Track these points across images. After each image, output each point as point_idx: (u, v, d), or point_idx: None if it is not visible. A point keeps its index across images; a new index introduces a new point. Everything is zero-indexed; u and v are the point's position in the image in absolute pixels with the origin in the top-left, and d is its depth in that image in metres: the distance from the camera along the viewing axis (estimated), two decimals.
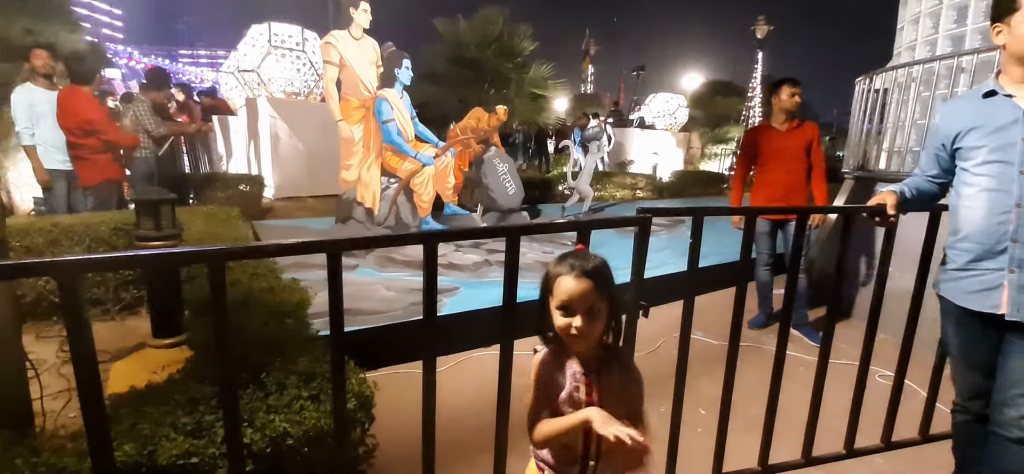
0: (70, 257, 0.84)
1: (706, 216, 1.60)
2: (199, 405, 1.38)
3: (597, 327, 1.07)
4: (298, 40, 9.12)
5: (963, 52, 3.70)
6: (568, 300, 1.04)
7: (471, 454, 2.10)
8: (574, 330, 1.04)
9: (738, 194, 3.77)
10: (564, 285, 1.05)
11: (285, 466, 1.33)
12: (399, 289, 3.68)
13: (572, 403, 1.08)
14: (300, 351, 1.72)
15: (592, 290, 1.04)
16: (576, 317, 1.04)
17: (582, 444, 1.08)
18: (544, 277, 1.11)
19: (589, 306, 1.04)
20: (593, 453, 1.09)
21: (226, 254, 1.06)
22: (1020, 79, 1.56)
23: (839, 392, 2.15)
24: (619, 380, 1.11)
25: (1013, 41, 1.53)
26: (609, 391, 1.08)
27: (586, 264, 1.06)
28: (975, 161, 1.60)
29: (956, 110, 1.72)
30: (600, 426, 0.99)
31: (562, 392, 1.09)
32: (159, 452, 1.20)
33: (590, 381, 1.08)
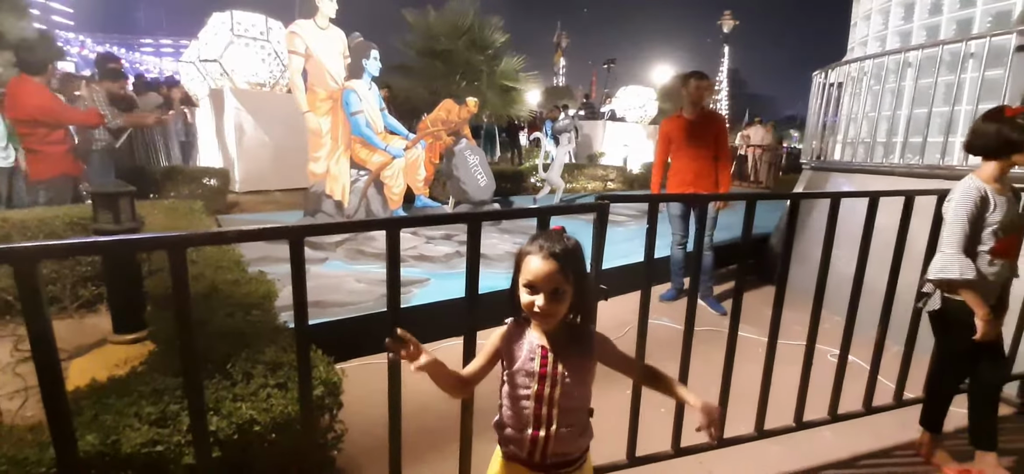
0: (27, 244, 0.84)
1: (660, 203, 1.68)
2: (164, 395, 1.39)
3: (561, 308, 1.11)
4: (262, 29, 8.88)
5: (910, 47, 3.90)
6: (533, 279, 1.08)
7: (440, 442, 2.14)
8: (537, 308, 1.09)
9: (657, 180, 4.03)
10: (531, 264, 1.09)
11: (254, 453, 1.35)
12: (369, 281, 3.68)
13: (527, 373, 1.13)
14: (267, 341, 1.73)
15: (557, 271, 1.08)
16: (539, 296, 1.08)
17: (535, 412, 1.14)
18: (517, 254, 1.15)
19: (554, 287, 1.08)
20: (546, 421, 1.14)
21: (186, 240, 1.07)
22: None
23: (794, 371, 2.27)
24: (577, 360, 1.15)
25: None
26: (567, 368, 1.13)
27: (556, 246, 1.10)
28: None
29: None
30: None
31: (518, 362, 1.14)
32: (123, 442, 1.20)
33: (546, 354, 1.13)
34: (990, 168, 1.96)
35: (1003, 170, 1.94)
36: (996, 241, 1.93)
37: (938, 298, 2.05)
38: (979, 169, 2.00)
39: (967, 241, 1.92)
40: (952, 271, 1.90)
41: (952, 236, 1.92)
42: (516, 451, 1.19)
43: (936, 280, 1.98)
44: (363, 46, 5.30)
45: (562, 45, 26.51)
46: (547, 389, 1.12)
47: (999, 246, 1.94)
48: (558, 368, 1.13)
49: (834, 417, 2.24)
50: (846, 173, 4.34)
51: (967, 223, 1.90)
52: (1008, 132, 1.87)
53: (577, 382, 1.14)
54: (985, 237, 1.94)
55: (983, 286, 1.94)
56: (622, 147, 13.57)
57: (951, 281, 1.92)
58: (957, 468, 2.14)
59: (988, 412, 2.09)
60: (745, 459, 2.16)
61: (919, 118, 3.78)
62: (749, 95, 55.10)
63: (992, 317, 1.92)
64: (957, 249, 1.91)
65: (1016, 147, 1.87)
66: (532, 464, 1.17)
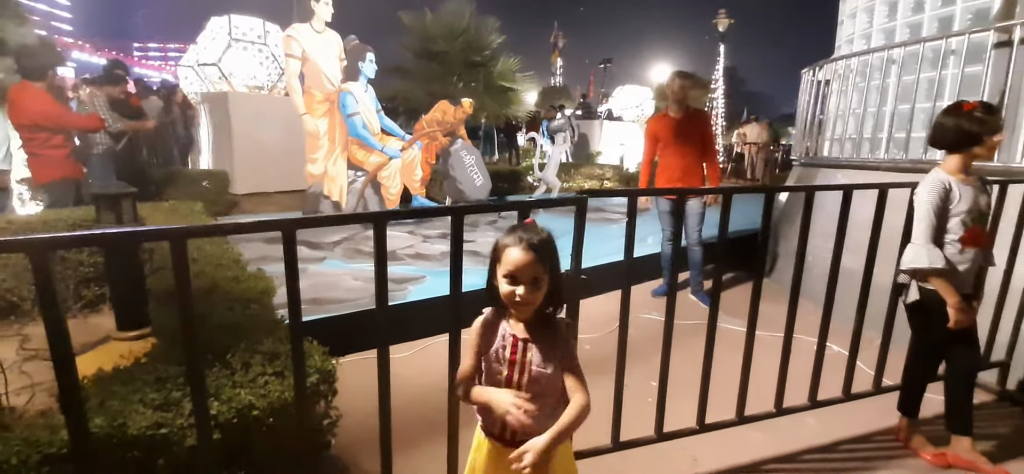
0: (41, 236, 0.92)
1: (639, 196, 1.76)
2: (166, 383, 1.47)
3: (539, 295, 1.19)
4: (260, 33, 8.96)
5: (894, 45, 3.99)
6: (514, 270, 1.16)
7: (433, 430, 2.21)
8: (518, 297, 1.17)
9: (646, 177, 4.13)
10: (511, 255, 1.17)
11: (253, 436, 1.42)
12: (366, 279, 3.76)
13: (498, 359, 1.21)
14: (264, 334, 1.81)
15: (535, 261, 1.16)
16: (520, 286, 1.16)
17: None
18: (494, 247, 1.23)
19: (533, 276, 1.16)
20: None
21: (187, 232, 1.15)
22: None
23: (776, 360, 2.34)
24: (547, 348, 1.22)
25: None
26: (536, 356, 1.21)
27: (532, 237, 1.18)
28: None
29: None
30: (512, 419, 1.15)
31: (491, 348, 1.22)
32: (129, 424, 1.28)
33: (516, 342, 1.21)
34: (954, 161, 2.05)
35: (966, 162, 2.03)
36: (964, 230, 2.01)
37: (915, 289, 2.12)
38: (944, 162, 2.09)
39: (935, 232, 2.00)
40: (921, 260, 1.98)
41: (920, 227, 2.01)
42: (490, 428, 1.28)
43: (908, 270, 2.07)
44: (359, 49, 5.38)
45: (559, 45, 26.59)
46: (516, 375, 1.21)
47: (967, 235, 2.02)
48: (527, 356, 1.21)
49: (814, 403, 2.32)
50: (834, 169, 4.42)
51: (933, 214, 1.98)
52: (967, 125, 1.96)
53: (545, 366, 1.22)
54: (953, 227, 2.02)
55: (954, 275, 2.01)
56: (618, 146, 13.64)
57: (921, 270, 2.01)
58: (933, 452, 2.21)
59: (964, 398, 2.17)
60: (728, 444, 2.24)
61: (903, 114, 3.86)
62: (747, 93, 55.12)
63: (963, 305, 1.99)
64: (926, 240, 1.99)
65: (975, 139, 1.96)
66: (504, 440, 1.25)
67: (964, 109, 1.98)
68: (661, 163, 3.97)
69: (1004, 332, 2.67)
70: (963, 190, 2.01)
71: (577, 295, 1.75)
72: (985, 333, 2.65)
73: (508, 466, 1.25)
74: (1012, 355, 2.71)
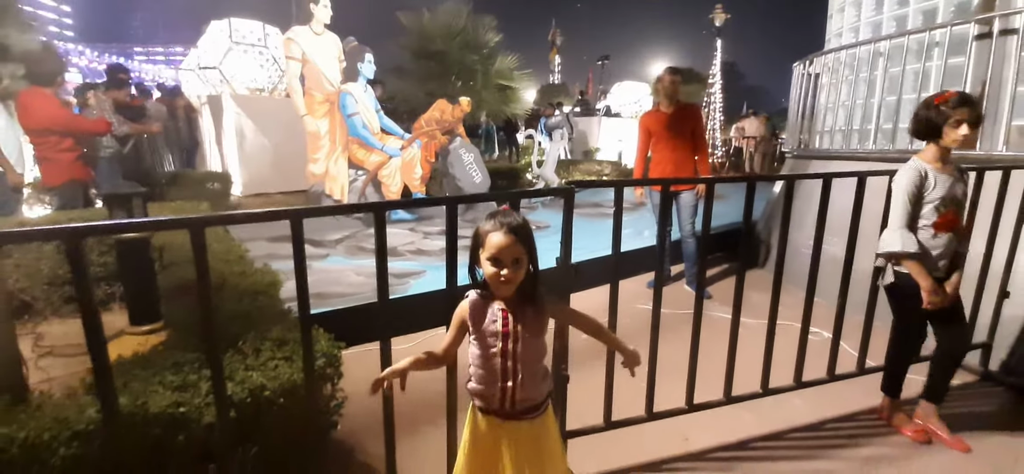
0: (75, 224, 1.02)
1: (625, 187, 1.85)
2: (183, 367, 1.57)
3: (520, 274, 1.29)
4: (259, 36, 9.08)
5: (880, 38, 4.07)
6: (497, 253, 1.26)
7: (432, 414, 2.31)
8: (502, 277, 1.27)
9: (639, 171, 4.28)
10: (493, 240, 1.27)
11: (265, 415, 1.53)
12: (368, 274, 3.86)
13: (492, 334, 1.32)
14: (273, 323, 1.91)
15: (516, 243, 1.26)
16: (504, 267, 1.27)
17: (502, 366, 1.32)
18: (474, 234, 1.33)
19: (514, 257, 1.27)
20: (512, 373, 1.32)
21: (205, 221, 1.25)
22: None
23: (766, 344, 2.44)
24: (532, 319, 1.34)
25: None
26: (524, 324, 1.32)
27: (511, 222, 1.28)
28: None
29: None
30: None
31: (483, 326, 1.33)
32: (150, 403, 1.38)
33: (507, 315, 1.32)
34: (930, 150, 2.14)
35: (941, 150, 2.11)
36: (938, 216, 2.10)
37: (890, 272, 2.22)
38: (922, 151, 2.17)
39: (909, 217, 2.09)
40: (895, 245, 2.08)
41: (895, 213, 2.11)
42: (488, 404, 1.37)
43: (883, 254, 2.16)
44: (357, 50, 5.48)
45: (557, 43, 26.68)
46: (510, 345, 1.31)
47: (941, 220, 2.10)
48: (518, 327, 1.31)
49: (799, 383, 2.42)
50: (825, 160, 4.50)
51: (908, 200, 2.08)
52: (936, 117, 2.05)
53: (533, 336, 1.33)
54: (927, 213, 2.11)
55: (927, 259, 2.10)
56: (617, 142, 13.73)
57: (895, 254, 2.10)
58: (915, 428, 2.31)
59: (945, 376, 2.28)
60: (718, 424, 2.34)
61: (890, 105, 3.95)
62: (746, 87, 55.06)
63: (936, 287, 2.08)
64: (900, 224, 2.09)
65: (939, 130, 2.05)
66: (503, 413, 1.35)
67: (936, 102, 2.07)
68: (654, 157, 4.06)
69: (985, 315, 2.76)
70: (939, 177, 2.09)
71: (568, 285, 1.85)
72: (967, 315, 2.74)
73: (505, 437, 1.37)
74: (994, 337, 2.80)
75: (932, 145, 2.12)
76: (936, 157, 2.13)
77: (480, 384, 1.36)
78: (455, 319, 1.40)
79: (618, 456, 2.14)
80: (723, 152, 17.76)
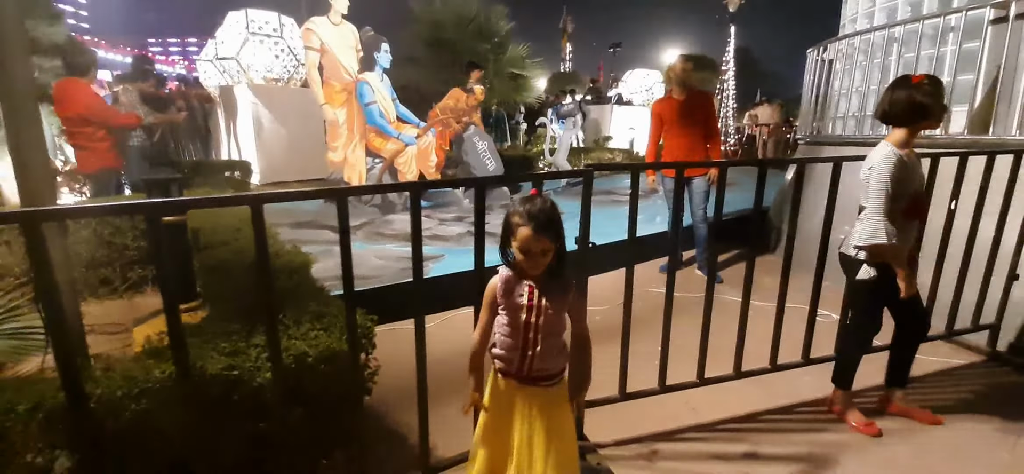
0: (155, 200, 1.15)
1: (640, 171, 1.95)
2: (232, 335, 1.70)
3: (547, 259, 1.41)
4: (276, 26, 9.21)
5: (895, 23, 4.09)
6: (526, 246, 1.37)
7: (461, 387, 2.43)
8: (530, 263, 1.39)
9: (652, 158, 4.38)
10: (522, 234, 1.37)
11: (307, 378, 1.66)
12: (388, 258, 4.00)
13: (518, 306, 1.43)
14: (309, 299, 2.04)
15: (544, 236, 1.37)
16: (532, 255, 1.38)
17: (524, 337, 1.44)
18: (505, 219, 1.43)
19: (542, 248, 1.38)
20: (532, 343, 1.44)
21: (264, 198, 1.37)
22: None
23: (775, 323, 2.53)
24: (556, 296, 1.45)
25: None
26: (550, 301, 1.43)
27: (540, 217, 1.37)
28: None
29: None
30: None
31: (511, 299, 1.45)
32: (208, 366, 1.52)
33: (532, 291, 1.43)
34: (900, 134, 2.04)
35: (913, 135, 2.04)
36: (909, 203, 2.06)
37: (869, 268, 2.11)
38: (890, 136, 2.08)
39: (889, 205, 2.00)
40: (880, 236, 1.99)
41: (877, 201, 2.00)
42: (508, 368, 1.49)
43: (867, 246, 2.05)
44: (374, 39, 5.58)
45: (568, 30, 26.53)
46: (533, 318, 1.43)
47: (908, 208, 2.06)
48: (542, 301, 1.43)
49: (807, 360, 2.51)
50: (839, 146, 4.53)
51: (890, 187, 1.98)
52: (918, 98, 1.96)
53: (556, 312, 1.45)
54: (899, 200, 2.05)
55: (903, 248, 2.07)
56: (628, 130, 13.71)
57: (879, 246, 2.01)
58: (863, 422, 2.29)
59: (908, 359, 2.34)
60: (727, 399, 2.44)
61: None
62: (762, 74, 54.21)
63: (912, 274, 2.07)
64: (882, 214, 1.99)
65: (925, 112, 1.98)
66: (521, 376, 1.48)
67: (913, 82, 1.99)
68: (666, 144, 4.13)
69: (993, 297, 2.82)
70: (909, 163, 2.03)
71: (586, 265, 1.95)
72: (974, 297, 2.81)
73: (522, 398, 1.49)
74: (1002, 318, 2.86)
75: (904, 130, 2.04)
76: (905, 142, 2.04)
77: (503, 350, 1.49)
78: (486, 298, 1.51)
79: (632, 426, 2.25)
80: (736, 140, 17.64)
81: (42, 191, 1.65)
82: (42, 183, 1.65)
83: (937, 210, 2.51)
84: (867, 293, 2.20)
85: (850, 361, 2.34)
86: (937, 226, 2.57)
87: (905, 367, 2.33)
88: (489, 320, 1.53)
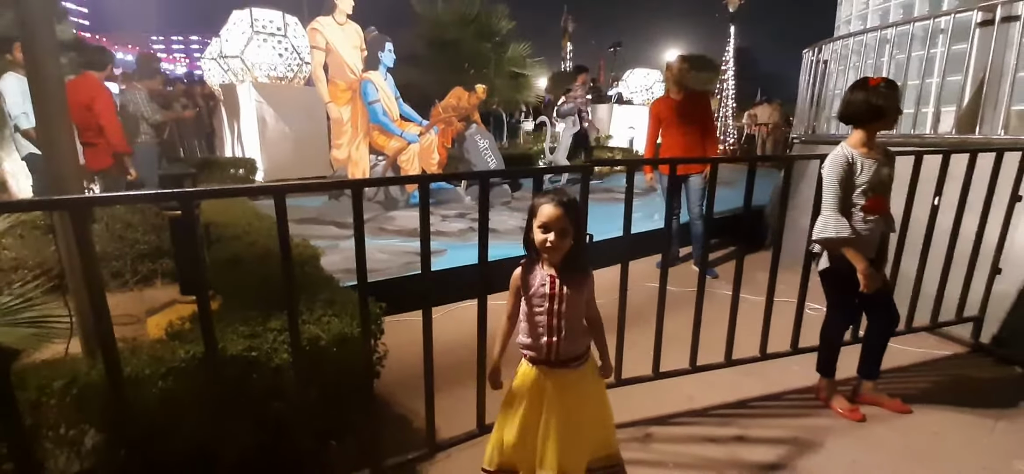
0: (190, 189, 1.25)
1: (636, 168, 2.06)
2: (249, 321, 1.81)
3: (566, 243, 1.51)
4: (280, 25, 9.28)
5: (887, 25, 4.19)
6: (547, 221, 1.48)
7: (460, 375, 2.54)
8: (549, 244, 1.48)
9: (650, 155, 4.42)
10: (544, 210, 1.49)
11: (321, 359, 1.76)
12: (392, 252, 4.11)
13: (540, 296, 1.53)
14: (320, 288, 2.15)
15: (563, 215, 1.48)
16: (551, 233, 1.48)
17: (548, 323, 1.53)
18: (530, 206, 1.55)
19: (561, 227, 1.48)
20: (557, 329, 1.54)
21: (286, 188, 1.48)
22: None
23: (774, 320, 2.63)
24: (577, 282, 1.55)
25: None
26: (569, 288, 1.53)
27: (562, 197, 1.51)
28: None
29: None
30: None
31: (532, 289, 1.55)
32: (228, 347, 1.62)
33: (553, 280, 1.53)
34: (858, 135, 2.16)
35: (870, 135, 2.14)
36: (866, 200, 2.15)
37: (825, 257, 2.25)
38: (849, 137, 2.20)
39: (841, 202, 2.13)
40: (829, 231, 2.11)
41: (828, 198, 2.15)
42: (536, 356, 1.58)
43: (818, 239, 2.19)
44: (378, 39, 5.69)
45: (569, 29, 26.65)
46: (556, 305, 1.52)
47: (868, 204, 2.15)
48: (563, 289, 1.52)
49: (795, 350, 2.62)
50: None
51: (838, 186, 2.11)
52: (874, 100, 2.06)
53: (575, 299, 1.55)
54: (855, 197, 2.16)
55: (860, 242, 2.15)
56: (628, 129, 13.81)
57: (830, 239, 2.13)
58: (847, 408, 2.39)
59: (878, 352, 2.41)
60: (720, 386, 2.55)
61: None
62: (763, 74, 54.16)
63: (871, 269, 2.15)
64: (833, 210, 2.12)
65: (880, 113, 2.07)
66: (549, 362, 1.57)
67: (870, 84, 2.07)
68: (664, 143, 4.23)
69: (977, 290, 2.92)
70: (865, 162, 2.13)
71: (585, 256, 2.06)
72: (958, 290, 2.91)
73: (553, 382, 1.58)
74: (985, 311, 2.97)
75: (860, 131, 2.15)
76: (863, 142, 2.15)
77: (529, 337, 1.58)
78: (512, 285, 1.61)
79: (629, 412, 2.35)
80: (735, 139, 17.73)
81: (70, 181, 1.75)
82: (70, 174, 1.75)
83: (922, 206, 2.62)
84: (827, 284, 2.32)
85: (828, 349, 2.44)
86: (922, 221, 2.68)
87: (875, 359, 2.41)
88: (515, 305, 1.62)
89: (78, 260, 1.30)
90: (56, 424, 1.51)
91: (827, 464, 2.07)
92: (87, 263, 1.24)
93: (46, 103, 1.67)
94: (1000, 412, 2.41)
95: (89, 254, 1.25)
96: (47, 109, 1.66)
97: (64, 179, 1.69)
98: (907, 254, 2.70)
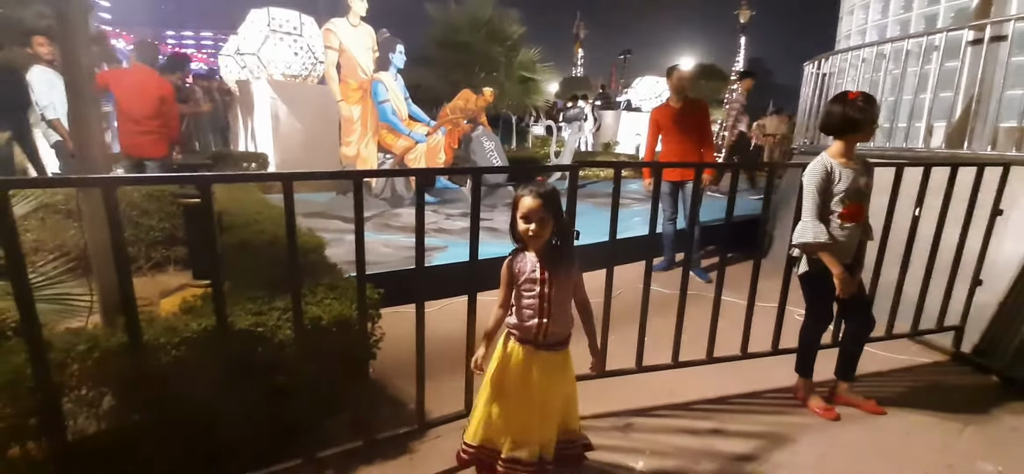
0: (208, 173, 1.40)
1: (623, 169, 2.18)
2: (256, 300, 1.96)
3: (545, 231, 1.63)
4: (296, 24, 9.50)
5: (884, 40, 4.27)
6: (526, 212, 1.61)
7: (452, 365, 2.65)
8: (531, 232, 1.61)
9: (649, 161, 4.51)
10: (524, 202, 1.62)
11: (322, 339, 1.90)
12: (395, 247, 4.26)
13: (531, 281, 1.65)
14: (322, 274, 2.30)
15: (542, 206, 1.60)
16: (532, 223, 1.61)
17: (538, 306, 1.66)
18: (513, 198, 1.68)
19: (540, 217, 1.61)
20: (546, 312, 1.66)
21: (294, 176, 1.62)
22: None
23: (755, 326, 2.73)
24: (563, 268, 1.68)
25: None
26: (556, 274, 1.65)
27: (540, 188, 1.63)
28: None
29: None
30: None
31: (523, 276, 1.67)
32: (236, 321, 1.77)
33: (543, 266, 1.65)
34: (837, 145, 2.26)
35: (848, 146, 2.24)
36: (843, 207, 2.24)
37: (805, 261, 2.35)
38: (829, 147, 2.29)
39: (819, 209, 2.23)
40: (807, 236, 2.22)
41: (806, 205, 2.25)
42: (524, 336, 1.70)
43: (797, 244, 2.29)
44: (390, 41, 5.86)
45: (581, 36, 26.82)
46: (545, 289, 1.65)
47: (846, 211, 2.24)
48: (551, 274, 1.65)
49: (775, 350, 2.72)
50: None
51: (817, 193, 2.21)
52: (851, 112, 2.16)
53: (563, 283, 1.67)
54: (833, 204, 2.25)
55: (836, 248, 2.24)
56: (635, 136, 13.93)
57: (808, 244, 2.24)
58: (824, 407, 2.49)
59: (853, 354, 2.51)
60: (701, 381, 2.65)
61: (890, 105, 4.16)
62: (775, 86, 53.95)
63: (847, 275, 2.23)
64: (812, 216, 2.22)
65: (856, 125, 2.17)
66: (537, 343, 1.69)
67: (849, 98, 2.17)
68: (663, 149, 4.35)
69: (957, 300, 3.00)
70: (843, 172, 2.22)
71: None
72: (939, 301, 3.00)
73: (537, 362, 1.70)
74: (966, 321, 3.05)
75: (839, 142, 2.24)
76: (841, 152, 2.24)
77: (520, 319, 1.70)
78: (503, 275, 1.73)
79: (612, 403, 2.47)
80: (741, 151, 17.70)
81: (98, 162, 1.91)
82: (99, 156, 1.92)
83: (905, 216, 2.71)
84: (806, 287, 2.42)
85: (806, 350, 2.54)
86: (905, 231, 2.77)
87: (851, 361, 2.52)
88: (507, 295, 1.74)
89: (106, 236, 1.44)
90: (78, 385, 1.66)
91: (797, 458, 2.18)
92: (115, 234, 1.39)
93: (79, 91, 1.84)
94: (971, 417, 2.49)
95: (117, 227, 1.40)
96: (80, 97, 1.82)
97: (94, 161, 1.85)
98: (889, 263, 2.79)
